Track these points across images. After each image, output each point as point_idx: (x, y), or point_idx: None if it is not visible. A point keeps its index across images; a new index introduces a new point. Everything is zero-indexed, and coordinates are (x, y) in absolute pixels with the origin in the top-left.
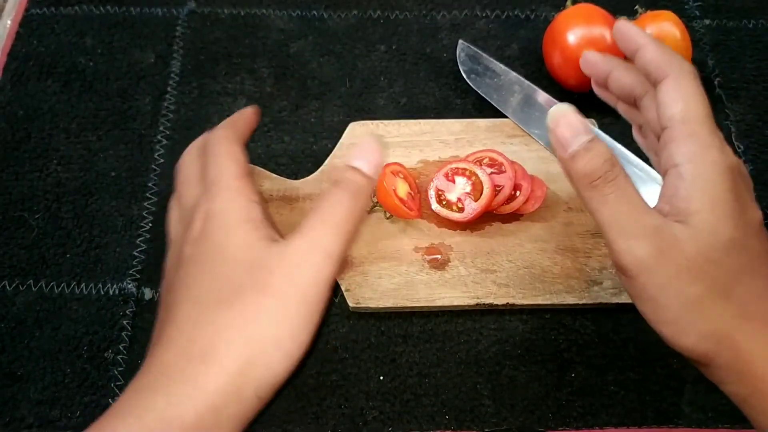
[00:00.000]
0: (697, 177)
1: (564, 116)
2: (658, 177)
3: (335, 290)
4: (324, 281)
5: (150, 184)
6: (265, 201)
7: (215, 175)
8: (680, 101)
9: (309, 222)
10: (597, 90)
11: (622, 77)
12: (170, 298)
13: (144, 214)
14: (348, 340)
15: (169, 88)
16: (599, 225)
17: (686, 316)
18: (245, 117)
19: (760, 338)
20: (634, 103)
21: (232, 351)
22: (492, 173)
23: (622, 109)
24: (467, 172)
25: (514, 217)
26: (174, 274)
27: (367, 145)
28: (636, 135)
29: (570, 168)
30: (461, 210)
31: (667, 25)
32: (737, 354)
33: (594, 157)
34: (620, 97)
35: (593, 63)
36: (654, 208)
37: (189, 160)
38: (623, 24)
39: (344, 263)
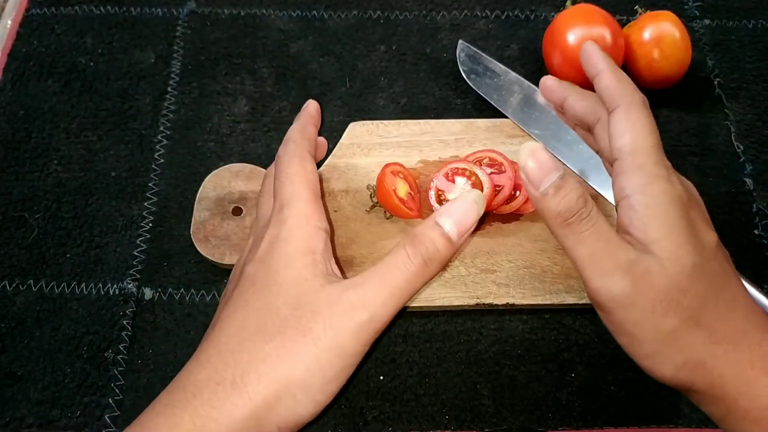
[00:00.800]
0: (648, 206)
1: (533, 154)
2: None
3: None
4: (364, 341)
5: (150, 184)
6: (331, 224)
7: (286, 198)
8: (628, 133)
9: (369, 276)
10: (557, 114)
11: (575, 104)
12: (222, 312)
13: (144, 214)
14: None
15: (169, 88)
16: (574, 263)
17: (662, 349)
18: (312, 118)
19: (730, 361)
20: (589, 129)
21: (262, 385)
22: (492, 173)
23: (579, 134)
24: (467, 172)
25: (514, 217)
26: (232, 287)
27: (463, 204)
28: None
29: (542, 207)
30: None
31: (666, 25)
32: (711, 379)
33: (566, 194)
34: (576, 123)
35: (549, 89)
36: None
37: (271, 172)
38: (589, 46)
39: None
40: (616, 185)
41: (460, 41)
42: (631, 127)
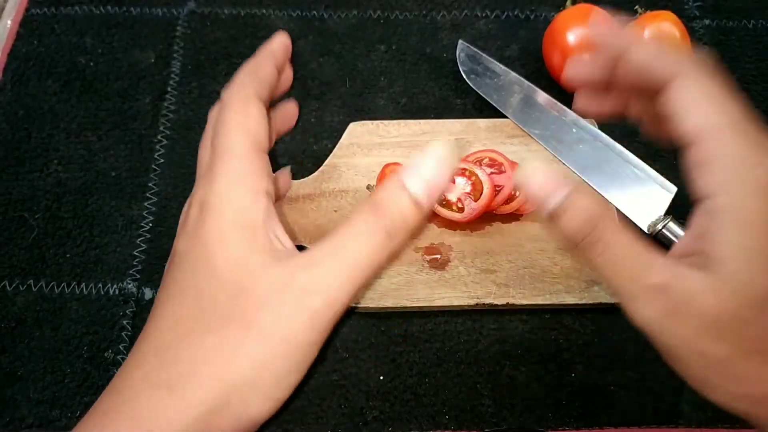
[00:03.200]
0: (731, 213)
1: (533, 175)
2: (659, 177)
3: None
4: (320, 329)
5: (150, 184)
6: (274, 184)
7: (218, 152)
8: (702, 108)
9: (323, 252)
10: (584, 101)
11: (641, 54)
12: (157, 300)
13: (144, 214)
14: (348, 340)
15: (169, 88)
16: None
17: (713, 377)
18: (272, 54)
19: None
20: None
21: (204, 389)
22: (492, 173)
23: (635, 110)
24: (467, 172)
25: (514, 217)
26: (167, 269)
27: (434, 159)
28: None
29: (551, 228)
30: (461, 210)
31: (666, 25)
32: None
33: (573, 218)
34: (634, 90)
35: (603, 35)
36: (676, 246)
37: (210, 119)
38: (599, 26)
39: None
40: (694, 179)
41: (460, 41)
42: (702, 100)
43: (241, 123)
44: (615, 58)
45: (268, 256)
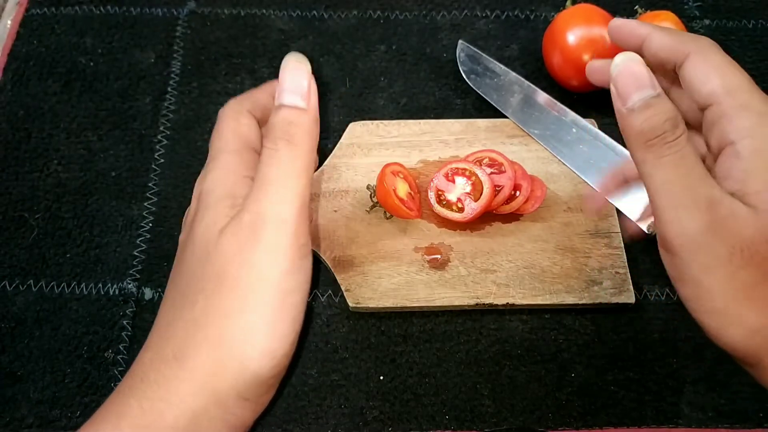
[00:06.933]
0: (756, 152)
1: (629, 65)
2: None
3: (335, 290)
4: (283, 253)
5: (150, 184)
6: None
7: (214, 150)
8: (715, 73)
9: (250, 191)
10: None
11: (658, 41)
12: (165, 291)
13: (144, 214)
14: (348, 340)
15: (169, 88)
16: (649, 191)
17: (734, 305)
18: (270, 85)
19: None
20: (671, 74)
21: (202, 352)
22: (492, 173)
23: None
24: (467, 172)
25: (514, 217)
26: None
27: (285, 72)
28: None
29: (626, 123)
30: (461, 210)
31: (666, 25)
32: None
33: (655, 114)
34: (656, 69)
35: (625, 30)
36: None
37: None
38: (618, 21)
39: (309, 216)
40: (715, 133)
41: (460, 41)
42: (717, 68)
43: (233, 128)
44: (636, 47)
45: (232, 217)
